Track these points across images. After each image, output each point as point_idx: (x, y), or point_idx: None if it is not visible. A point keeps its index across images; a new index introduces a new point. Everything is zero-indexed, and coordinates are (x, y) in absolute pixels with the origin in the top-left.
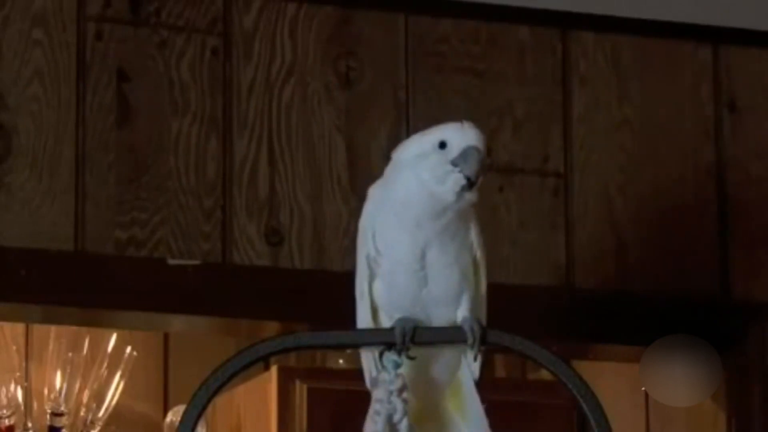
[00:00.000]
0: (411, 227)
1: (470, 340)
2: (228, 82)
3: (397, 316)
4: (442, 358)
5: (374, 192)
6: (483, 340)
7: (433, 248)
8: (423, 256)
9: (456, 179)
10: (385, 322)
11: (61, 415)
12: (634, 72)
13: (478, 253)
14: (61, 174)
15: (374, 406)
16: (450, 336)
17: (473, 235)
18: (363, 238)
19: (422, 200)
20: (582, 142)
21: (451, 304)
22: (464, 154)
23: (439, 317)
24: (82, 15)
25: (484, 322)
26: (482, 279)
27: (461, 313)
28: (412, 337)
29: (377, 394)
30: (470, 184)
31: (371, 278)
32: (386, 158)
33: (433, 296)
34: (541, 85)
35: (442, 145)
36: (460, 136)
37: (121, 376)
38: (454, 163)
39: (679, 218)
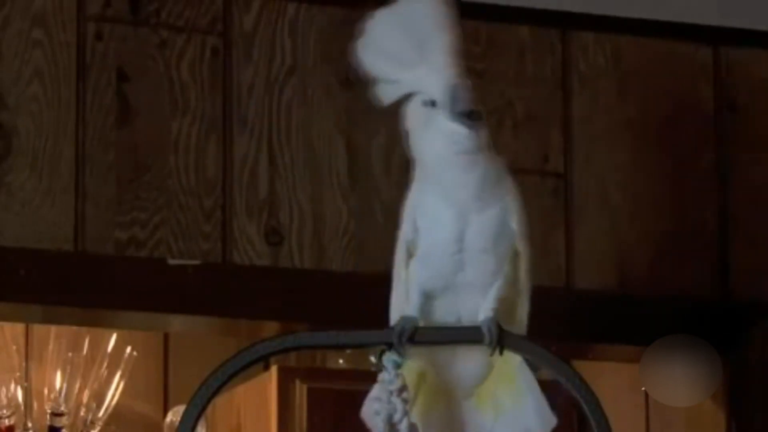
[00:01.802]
0: (450, 199)
1: (487, 340)
2: (228, 82)
3: (427, 299)
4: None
5: (416, 173)
6: (500, 342)
7: (471, 229)
8: (461, 238)
9: (458, 125)
10: (418, 306)
11: (61, 415)
12: (634, 72)
13: (521, 244)
14: (61, 174)
15: (374, 406)
16: (450, 336)
17: (515, 223)
18: (404, 221)
19: (449, 161)
20: (582, 142)
21: (483, 293)
22: (449, 97)
23: (469, 306)
24: (82, 15)
25: (525, 320)
26: (522, 271)
27: (483, 314)
28: (412, 337)
29: (377, 393)
30: (470, 116)
31: (408, 262)
32: (386, 158)
33: (466, 282)
34: (541, 85)
35: (432, 103)
36: (436, 82)
37: (121, 376)
38: (449, 112)
39: (679, 218)
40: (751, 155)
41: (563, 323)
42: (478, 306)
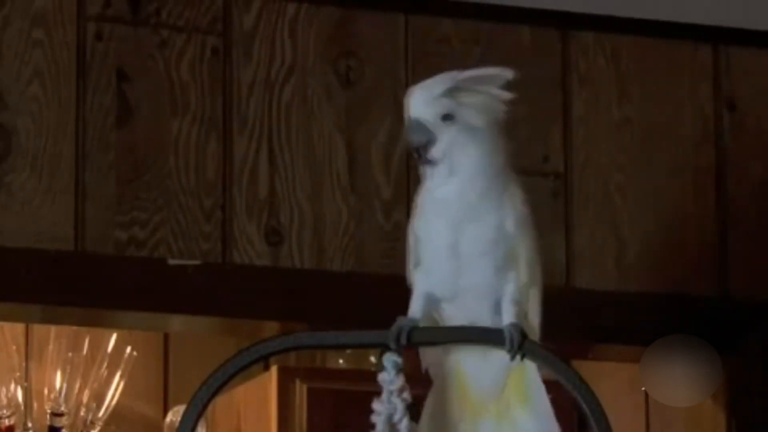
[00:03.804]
0: (442, 212)
1: (508, 346)
2: (228, 82)
3: (437, 304)
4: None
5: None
6: (521, 346)
7: (466, 237)
8: (456, 245)
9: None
10: (420, 308)
11: (61, 415)
12: (634, 72)
13: (521, 249)
14: (61, 174)
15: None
16: (450, 337)
17: (513, 228)
18: (409, 228)
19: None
20: (582, 142)
21: (487, 298)
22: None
23: (477, 311)
24: (82, 15)
25: (536, 326)
26: (522, 272)
27: (506, 319)
28: (409, 338)
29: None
30: (419, 155)
31: (416, 266)
32: (386, 158)
33: (469, 287)
34: (541, 85)
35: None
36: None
37: (121, 376)
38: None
39: (679, 218)
40: (750, 155)
41: (563, 323)
42: (484, 311)
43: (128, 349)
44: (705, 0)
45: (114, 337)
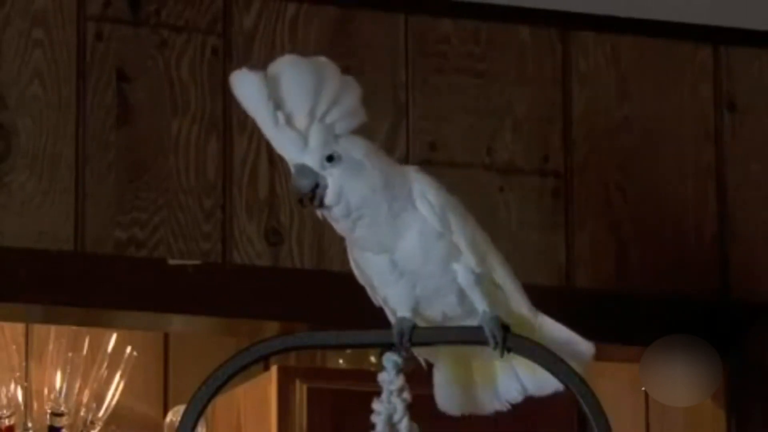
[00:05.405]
0: (363, 245)
1: (492, 344)
2: (228, 82)
3: (407, 314)
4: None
5: None
6: (504, 342)
7: (398, 253)
8: (395, 263)
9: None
10: (410, 308)
11: (61, 415)
12: (634, 72)
13: (453, 234)
14: (61, 174)
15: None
16: (451, 336)
17: (433, 221)
18: (350, 261)
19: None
20: (582, 142)
21: (449, 293)
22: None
23: (445, 304)
24: (82, 15)
25: (524, 311)
26: (467, 256)
27: (480, 315)
28: (410, 337)
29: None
30: (309, 201)
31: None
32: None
33: (427, 292)
34: (541, 85)
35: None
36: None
37: (121, 376)
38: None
39: (679, 218)
40: (750, 155)
41: (563, 323)
42: (453, 303)
43: (128, 349)
44: (705, 0)
45: (114, 337)
